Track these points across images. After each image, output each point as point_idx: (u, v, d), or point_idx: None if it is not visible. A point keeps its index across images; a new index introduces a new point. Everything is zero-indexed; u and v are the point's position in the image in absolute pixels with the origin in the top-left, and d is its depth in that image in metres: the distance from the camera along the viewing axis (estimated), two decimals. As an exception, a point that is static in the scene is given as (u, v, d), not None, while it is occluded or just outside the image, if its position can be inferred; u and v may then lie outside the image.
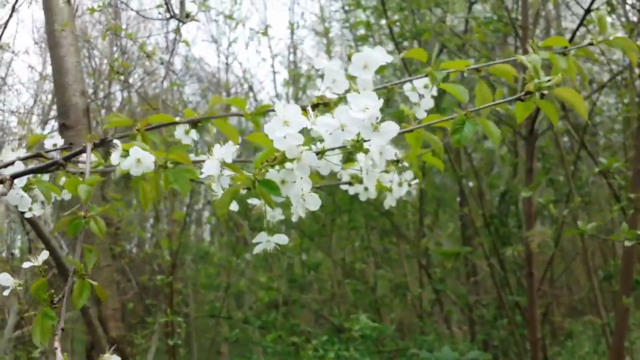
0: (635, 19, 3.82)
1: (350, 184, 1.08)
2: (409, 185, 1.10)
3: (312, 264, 4.75)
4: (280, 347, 3.78)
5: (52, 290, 0.95)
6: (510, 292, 3.98)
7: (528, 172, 3.11)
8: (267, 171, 0.87)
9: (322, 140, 0.88)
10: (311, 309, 5.01)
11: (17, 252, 5.21)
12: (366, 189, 1.08)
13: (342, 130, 0.84)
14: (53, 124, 5.64)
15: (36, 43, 6.88)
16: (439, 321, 4.81)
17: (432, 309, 4.85)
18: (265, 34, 5.77)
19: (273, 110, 1.06)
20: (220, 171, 0.89)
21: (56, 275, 4.37)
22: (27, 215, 1.20)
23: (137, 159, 0.94)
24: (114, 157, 0.97)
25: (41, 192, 1.14)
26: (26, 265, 1.03)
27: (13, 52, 5.67)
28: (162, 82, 3.13)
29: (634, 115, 3.49)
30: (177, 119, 1.14)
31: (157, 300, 4.65)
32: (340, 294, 4.91)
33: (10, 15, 2.92)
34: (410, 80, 1.14)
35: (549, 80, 0.92)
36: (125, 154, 0.96)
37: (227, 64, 7.05)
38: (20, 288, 1.06)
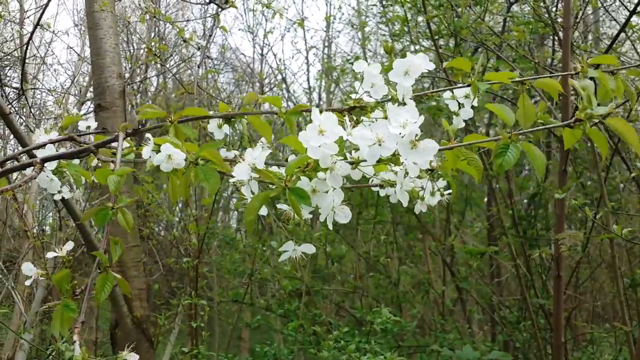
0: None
1: (381, 186, 1.06)
2: (442, 194, 1.06)
3: (336, 255, 4.77)
4: (301, 336, 3.81)
5: (75, 282, 0.93)
6: (535, 294, 3.95)
7: (562, 173, 3.06)
8: (299, 179, 0.85)
9: (356, 149, 0.86)
10: (333, 300, 5.03)
11: (47, 229, 5.31)
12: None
13: (380, 145, 0.82)
14: (89, 105, 5.74)
15: (76, 25, 7.01)
16: (460, 320, 4.80)
17: (454, 307, 4.84)
18: (301, 24, 5.79)
19: (308, 111, 1.02)
20: (251, 177, 0.87)
21: (85, 253, 4.46)
22: (57, 197, 1.20)
23: (168, 155, 0.93)
24: (145, 151, 0.97)
25: (71, 175, 1.13)
26: (50, 255, 1.02)
27: (53, 32, 5.78)
28: (198, 67, 3.17)
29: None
30: (211, 112, 1.12)
31: (182, 283, 4.71)
32: (363, 287, 4.92)
33: (53, -4, 2.97)
34: (451, 89, 1.11)
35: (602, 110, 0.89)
36: (157, 148, 0.95)
37: (262, 54, 7.10)
38: (42, 278, 1.04)
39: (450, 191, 1.04)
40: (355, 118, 0.99)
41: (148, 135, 0.99)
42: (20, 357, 4.14)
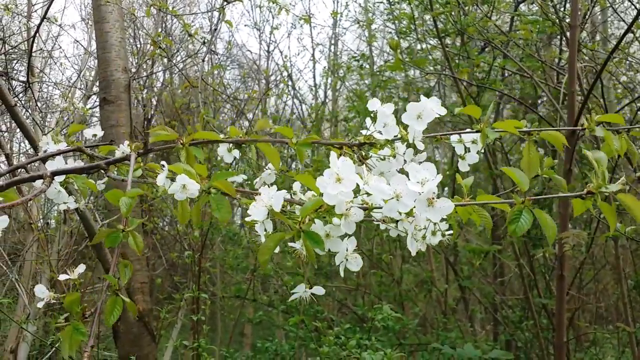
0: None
1: (383, 221, 1.07)
2: (443, 235, 1.05)
3: (340, 252, 4.76)
4: (302, 331, 3.81)
5: (85, 305, 0.92)
6: (538, 294, 3.94)
7: (567, 173, 3.04)
8: (313, 222, 0.85)
9: (369, 194, 0.86)
10: (335, 297, 5.03)
11: (52, 222, 5.33)
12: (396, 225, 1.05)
13: (397, 200, 0.83)
14: (95, 99, 5.75)
15: (83, 19, 7.03)
16: (462, 319, 4.79)
17: (456, 306, 4.83)
18: (307, 21, 5.78)
19: (318, 142, 1.08)
20: (267, 217, 0.87)
21: (89, 247, 4.46)
22: (62, 207, 1.21)
23: (183, 185, 0.95)
24: (160, 179, 1.00)
25: (78, 187, 1.15)
26: (63, 277, 0.99)
27: (60, 25, 5.78)
28: (203, 61, 3.17)
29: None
30: (222, 136, 1.14)
31: (185, 278, 4.72)
32: (365, 284, 4.92)
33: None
34: (459, 133, 1.13)
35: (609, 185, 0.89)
36: (171, 175, 0.98)
37: (268, 51, 7.10)
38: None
39: (451, 232, 1.05)
40: (364, 154, 1.02)
41: (163, 162, 1.01)
42: (24, 348, 4.16)
